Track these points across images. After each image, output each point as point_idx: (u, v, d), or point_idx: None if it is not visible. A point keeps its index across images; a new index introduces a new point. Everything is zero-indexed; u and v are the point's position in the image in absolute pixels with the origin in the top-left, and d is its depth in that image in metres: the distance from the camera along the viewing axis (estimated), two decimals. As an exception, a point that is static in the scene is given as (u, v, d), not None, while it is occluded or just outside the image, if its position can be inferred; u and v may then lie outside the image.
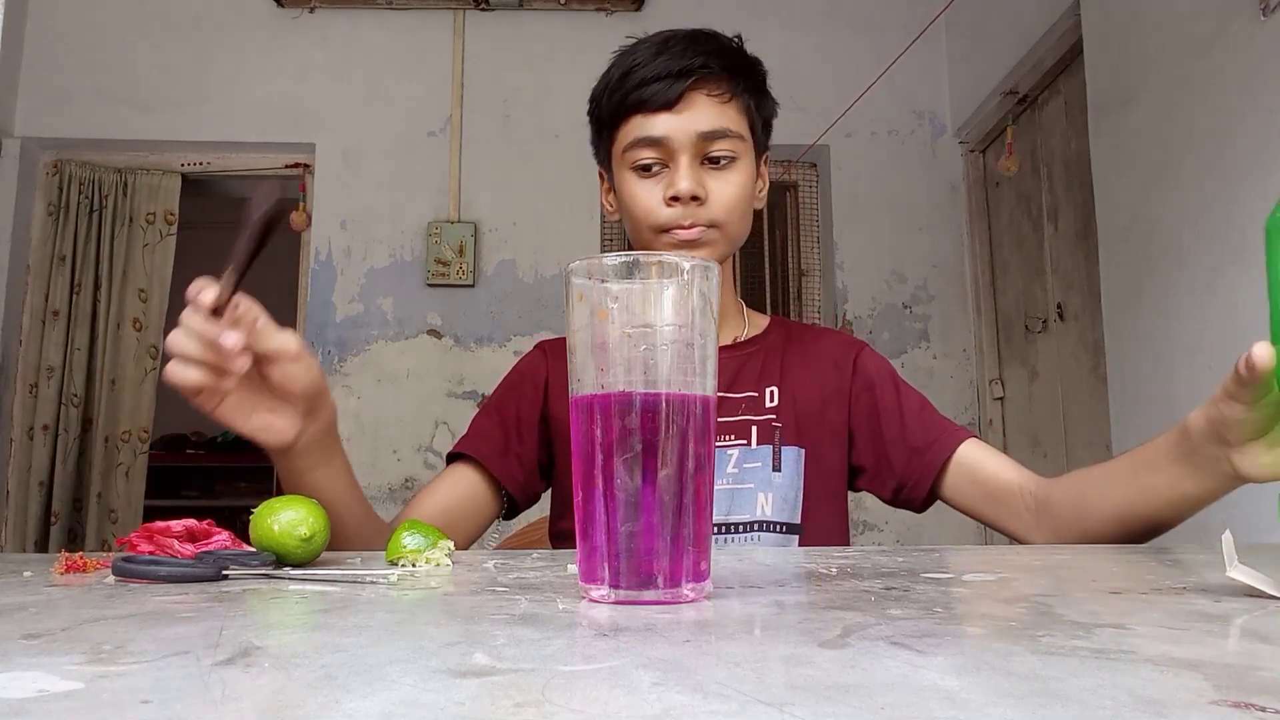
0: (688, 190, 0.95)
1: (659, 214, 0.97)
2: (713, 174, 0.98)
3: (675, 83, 0.96)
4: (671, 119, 0.96)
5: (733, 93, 0.98)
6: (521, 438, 1.05)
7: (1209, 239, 2.08)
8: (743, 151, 0.99)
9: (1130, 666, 0.30)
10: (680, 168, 0.96)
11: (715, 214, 0.97)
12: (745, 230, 1.03)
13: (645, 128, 0.97)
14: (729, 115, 0.98)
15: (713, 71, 0.97)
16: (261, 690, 0.27)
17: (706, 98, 0.97)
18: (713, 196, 0.97)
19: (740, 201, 0.99)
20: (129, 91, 3.57)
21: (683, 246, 0.97)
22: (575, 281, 0.49)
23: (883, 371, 1.07)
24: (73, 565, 0.62)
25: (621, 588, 0.46)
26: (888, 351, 3.57)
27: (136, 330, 3.52)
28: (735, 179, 0.98)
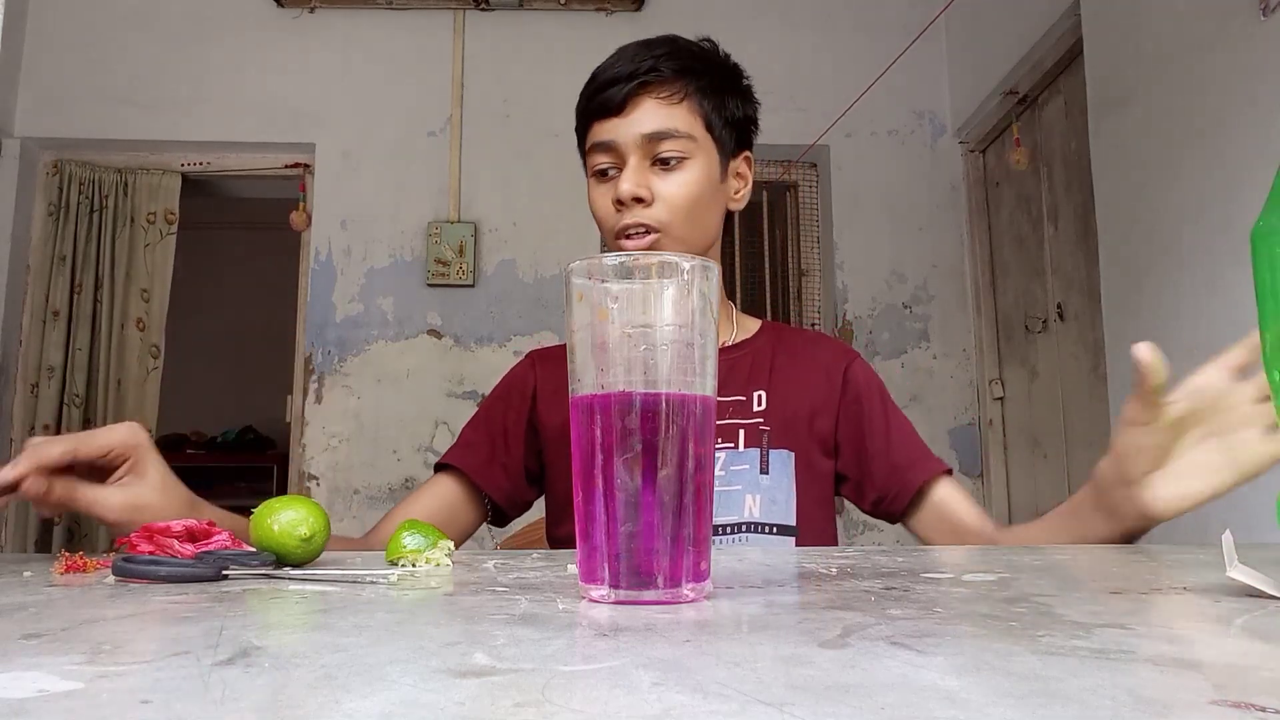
0: (627, 192, 0.96)
1: (611, 217, 0.99)
2: (661, 175, 0.98)
3: (623, 86, 0.98)
4: (618, 123, 0.98)
5: (684, 94, 0.99)
6: (508, 447, 1.07)
7: (1209, 239, 2.08)
8: (695, 151, 0.99)
9: (1130, 666, 0.30)
10: (626, 170, 0.97)
11: (659, 215, 0.97)
12: (704, 232, 1.02)
13: (598, 133, 1.00)
14: (677, 116, 0.98)
15: (662, 74, 0.98)
16: (261, 690, 0.27)
17: (653, 100, 0.98)
18: (659, 197, 0.97)
19: (688, 201, 0.98)
20: (129, 91, 3.57)
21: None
22: (575, 281, 0.49)
23: (871, 385, 1.08)
24: (73, 565, 0.62)
25: (621, 588, 0.46)
26: (888, 351, 3.57)
27: (139, 330, 3.52)
28: (683, 179, 0.98)
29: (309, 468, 3.42)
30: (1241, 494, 0.75)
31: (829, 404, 1.06)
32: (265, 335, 4.80)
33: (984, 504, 3.47)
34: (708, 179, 1.00)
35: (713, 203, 1.02)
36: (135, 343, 3.51)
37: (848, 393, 1.06)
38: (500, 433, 1.07)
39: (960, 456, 3.51)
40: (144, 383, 3.51)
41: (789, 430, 1.02)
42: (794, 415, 1.03)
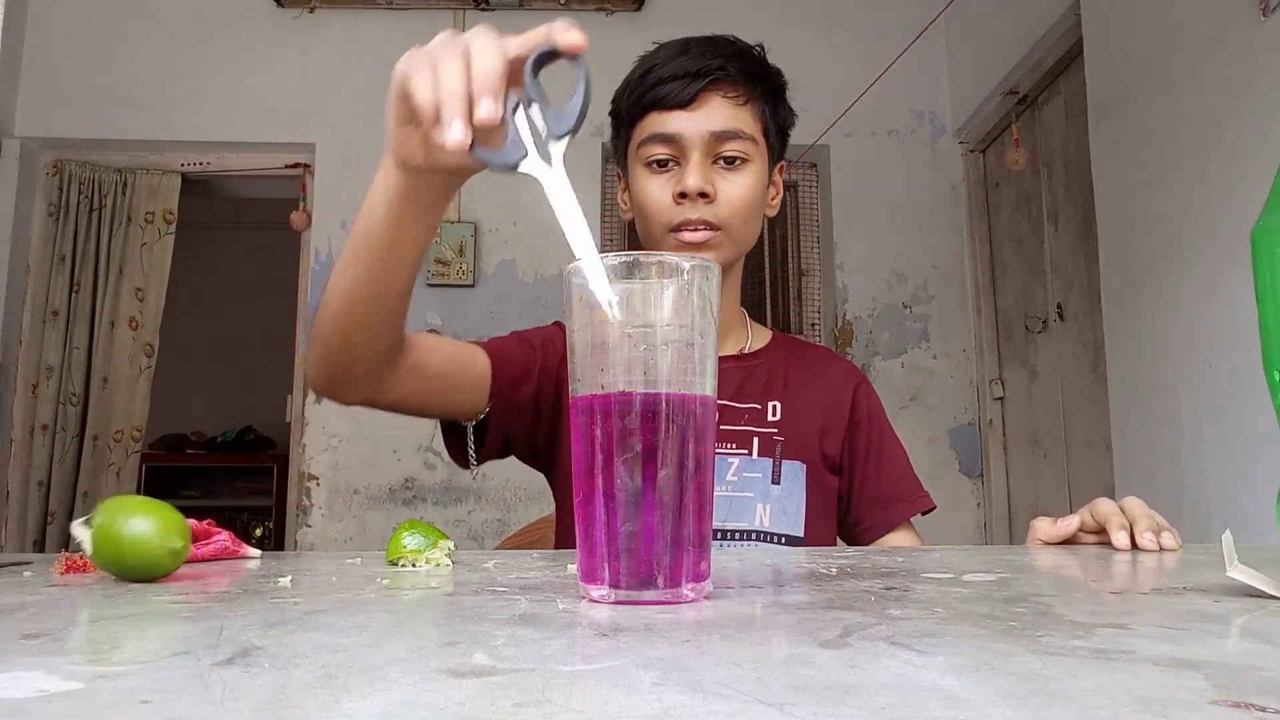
0: (695, 186, 0.96)
1: (669, 210, 0.98)
2: (723, 174, 0.98)
3: (692, 82, 0.97)
4: (686, 117, 0.98)
5: (749, 97, 1.00)
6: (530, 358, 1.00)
7: (1209, 239, 2.08)
8: (755, 155, 1.00)
9: (1130, 666, 0.30)
10: (691, 165, 0.97)
11: (722, 213, 0.97)
12: (753, 235, 1.03)
13: (660, 124, 0.98)
14: (743, 117, 0.99)
15: (730, 74, 0.98)
16: (261, 690, 0.27)
17: (722, 99, 0.98)
18: (721, 195, 0.97)
19: (749, 204, 0.99)
20: (129, 91, 3.57)
21: (688, 248, 0.98)
22: (575, 281, 0.49)
23: (874, 411, 1.10)
24: (73, 565, 0.62)
25: (621, 588, 0.46)
26: (888, 351, 3.57)
27: (132, 329, 3.52)
28: (745, 180, 0.99)
29: (309, 468, 3.42)
30: (1241, 494, 0.75)
31: (838, 422, 1.07)
32: (265, 335, 4.80)
33: (984, 504, 3.48)
34: (761, 183, 1.01)
35: (761, 206, 1.03)
36: (126, 341, 3.50)
37: (854, 415, 1.08)
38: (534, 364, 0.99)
39: (960, 456, 3.51)
40: (135, 382, 3.50)
41: (801, 443, 1.03)
42: (806, 429, 1.04)
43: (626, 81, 1.03)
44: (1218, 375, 2.04)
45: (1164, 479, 2.23)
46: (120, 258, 3.53)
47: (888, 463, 1.07)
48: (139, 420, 3.51)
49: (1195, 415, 2.12)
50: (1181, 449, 2.16)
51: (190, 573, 0.61)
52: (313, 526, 3.40)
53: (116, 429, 3.48)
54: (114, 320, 3.50)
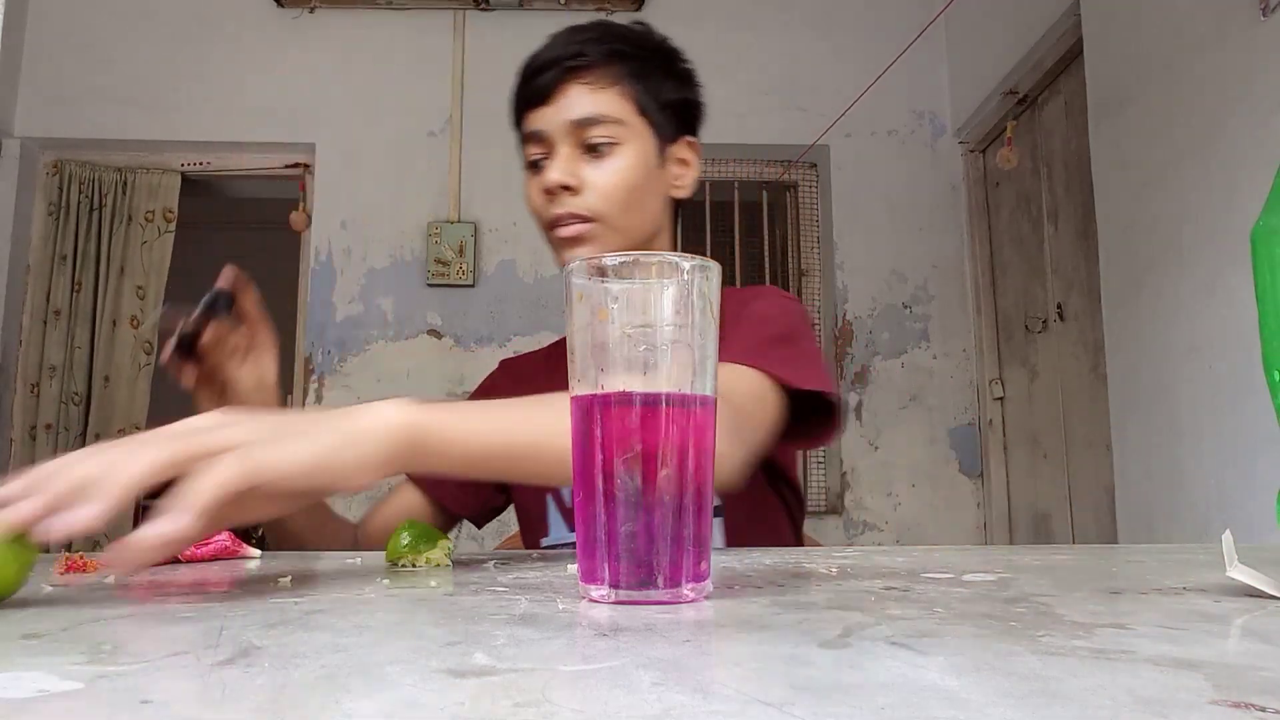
0: (554, 180, 0.94)
1: (543, 208, 0.96)
2: (592, 162, 0.95)
3: (548, 75, 0.96)
4: (547, 111, 0.96)
5: (613, 79, 0.96)
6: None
7: (1209, 239, 2.08)
8: (625, 137, 0.96)
9: (1130, 666, 0.30)
10: (555, 159, 0.95)
11: (591, 202, 0.94)
12: (643, 219, 0.98)
13: (530, 123, 0.98)
14: (605, 101, 0.95)
15: (588, 59, 0.96)
16: (261, 690, 0.27)
17: (580, 86, 0.95)
18: (588, 185, 0.95)
19: (622, 188, 0.95)
20: (129, 91, 3.58)
21: (565, 243, 0.96)
22: (575, 281, 0.49)
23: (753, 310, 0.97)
24: (73, 565, 0.62)
25: (621, 588, 0.46)
26: (887, 351, 3.57)
27: (133, 327, 3.52)
28: (615, 165, 0.95)
29: (309, 468, 3.42)
30: (1241, 494, 0.74)
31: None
32: (265, 335, 4.78)
33: (984, 504, 3.48)
34: (642, 164, 0.97)
35: (651, 189, 0.98)
36: (128, 340, 3.51)
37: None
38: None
39: (960, 456, 3.51)
40: (136, 380, 3.51)
41: None
42: None
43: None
44: (1218, 375, 2.04)
45: (1164, 479, 2.23)
46: (120, 257, 3.53)
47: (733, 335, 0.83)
48: (140, 418, 3.51)
49: (1195, 415, 2.12)
50: (1181, 449, 2.16)
51: (190, 573, 0.61)
52: (313, 526, 3.39)
53: (118, 428, 3.48)
54: (115, 319, 3.51)
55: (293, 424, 0.56)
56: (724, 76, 3.67)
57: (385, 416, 0.59)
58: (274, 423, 0.56)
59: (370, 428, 0.58)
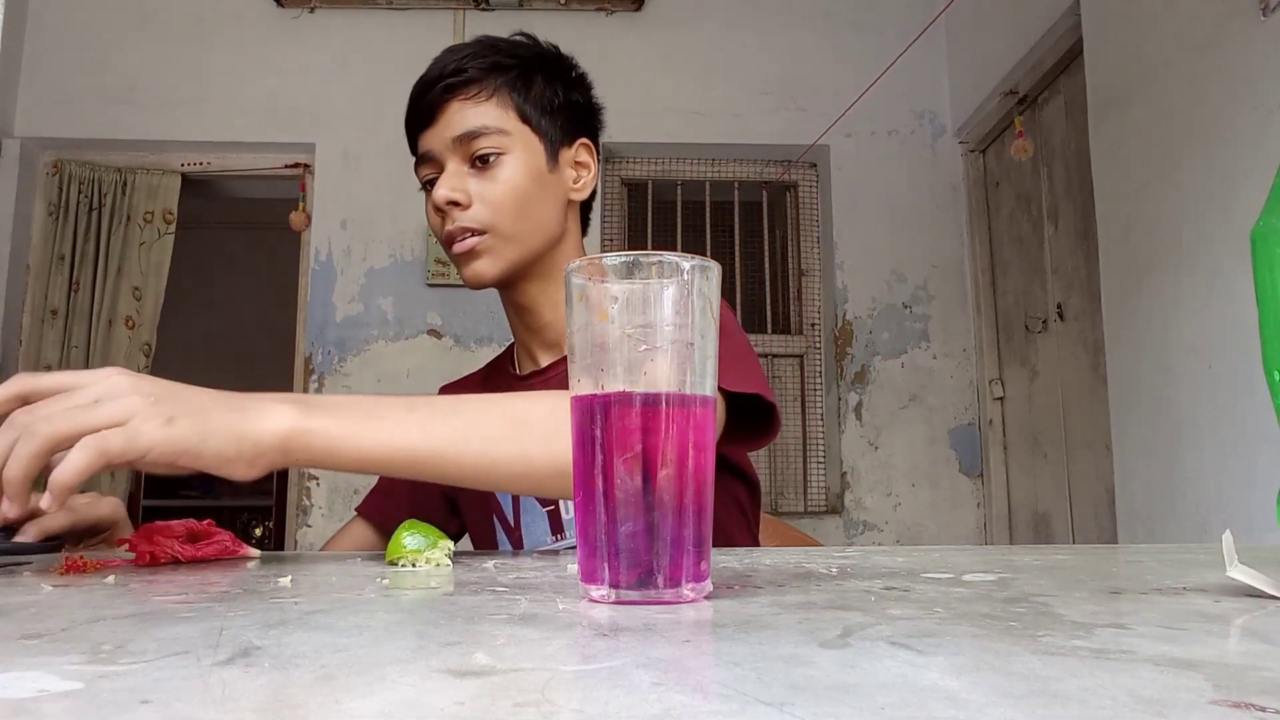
0: (442, 197, 0.95)
1: (439, 227, 0.97)
2: (478, 176, 0.96)
3: (430, 94, 0.97)
4: (432, 131, 0.97)
5: (490, 89, 0.97)
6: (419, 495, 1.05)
7: (1209, 239, 2.08)
8: (509, 146, 0.96)
9: (1130, 666, 0.30)
10: (443, 176, 0.96)
11: (480, 216, 0.95)
12: (539, 226, 0.98)
13: (419, 145, 0.99)
14: (485, 113, 0.96)
15: (466, 74, 0.96)
16: (261, 690, 0.27)
17: (459, 102, 0.96)
18: (476, 198, 0.95)
19: (511, 197, 0.96)
20: (129, 91, 3.58)
21: (461, 260, 0.97)
22: (575, 281, 0.49)
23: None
24: (73, 565, 0.62)
25: (621, 588, 0.46)
26: (887, 351, 3.57)
27: (129, 328, 3.52)
28: (502, 174, 0.96)
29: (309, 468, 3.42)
30: (1242, 494, 0.74)
31: None
32: (265, 335, 4.80)
33: (984, 504, 3.48)
34: (530, 172, 0.97)
35: (544, 196, 0.98)
36: (124, 341, 3.50)
37: None
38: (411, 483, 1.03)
39: (960, 456, 3.51)
40: (133, 381, 3.51)
41: None
42: None
43: None
44: (1218, 375, 2.04)
45: (1164, 479, 2.23)
46: (120, 257, 3.53)
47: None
48: (139, 420, 3.51)
49: (1195, 415, 2.12)
50: (1181, 449, 2.16)
51: (190, 573, 0.61)
52: (313, 526, 3.40)
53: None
54: (111, 319, 3.50)
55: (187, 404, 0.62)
56: (724, 76, 3.68)
57: (274, 423, 0.64)
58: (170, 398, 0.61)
59: (256, 431, 0.62)
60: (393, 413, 0.68)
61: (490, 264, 0.97)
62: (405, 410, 0.68)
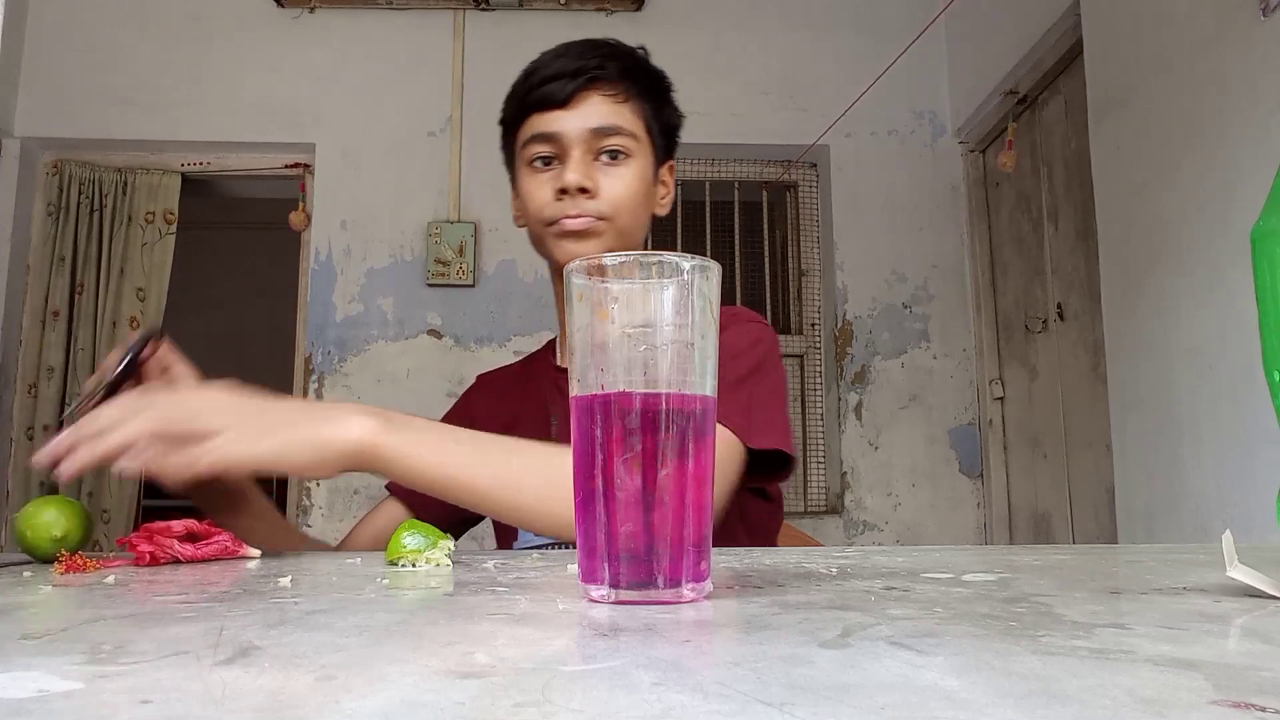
0: (574, 181, 0.98)
1: (551, 206, 1.00)
2: (605, 169, 1.00)
3: (570, 81, 1.00)
4: (565, 115, 1.00)
5: (628, 95, 1.02)
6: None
7: (1209, 239, 2.08)
8: (636, 150, 1.02)
9: (1130, 666, 0.30)
10: (571, 161, 0.99)
11: (603, 208, 0.99)
12: (638, 230, 1.04)
13: (541, 124, 1.01)
14: (622, 114, 1.01)
15: (607, 74, 1.01)
16: (261, 690, 0.27)
17: (600, 97, 1.00)
18: (602, 190, 0.99)
19: (630, 197, 1.01)
20: (129, 91, 3.57)
21: (568, 236, 0.99)
22: (575, 281, 0.49)
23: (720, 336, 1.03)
24: (73, 565, 0.62)
25: (621, 588, 0.46)
26: (888, 351, 3.57)
27: (133, 329, 3.52)
28: (627, 174, 1.01)
29: (309, 468, 3.42)
30: (1242, 494, 0.74)
31: None
32: (265, 335, 4.80)
33: (984, 504, 3.48)
34: (645, 179, 1.03)
35: (646, 202, 1.05)
36: (126, 342, 3.50)
37: None
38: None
39: (960, 456, 3.51)
40: (138, 383, 3.50)
41: None
42: None
43: (511, 88, 1.05)
44: (1218, 375, 2.04)
45: (1164, 479, 2.23)
46: (121, 258, 3.53)
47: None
48: (138, 420, 3.51)
49: (1195, 415, 2.12)
50: (1181, 449, 2.16)
51: (190, 573, 0.61)
52: (313, 526, 3.40)
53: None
54: (115, 320, 3.50)
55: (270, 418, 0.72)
56: (724, 76, 3.68)
57: (352, 433, 0.72)
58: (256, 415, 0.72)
59: (334, 439, 0.72)
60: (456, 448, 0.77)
61: (597, 247, 1.00)
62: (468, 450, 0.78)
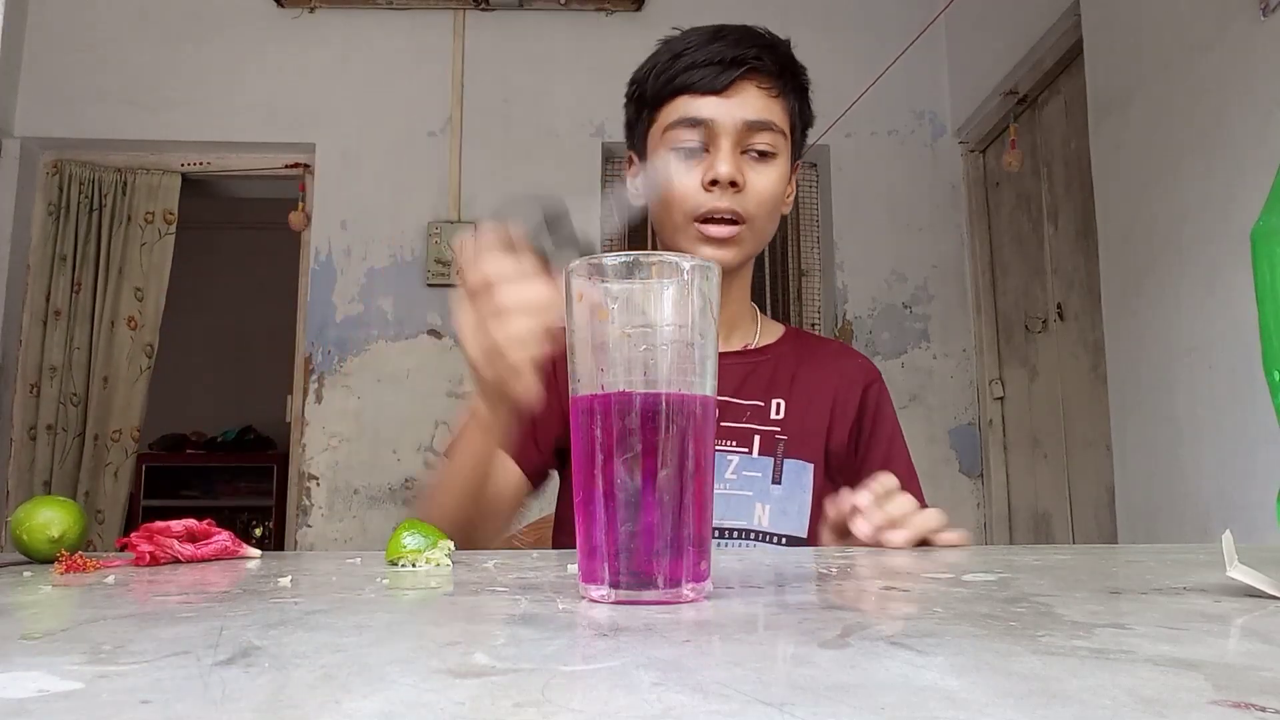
0: (728, 174, 0.94)
1: (696, 197, 0.96)
2: (753, 165, 0.97)
3: (727, 69, 0.95)
4: (719, 103, 0.96)
5: (780, 90, 0.98)
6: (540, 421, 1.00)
7: (1209, 239, 2.08)
8: (782, 149, 0.99)
9: (1130, 666, 0.30)
10: (722, 152, 0.95)
11: (749, 205, 0.96)
12: (772, 230, 1.02)
13: (692, 108, 0.96)
14: (775, 110, 0.98)
15: (764, 66, 0.97)
16: (261, 690, 0.27)
17: (756, 89, 0.97)
18: (750, 187, 0.96)
19: (774, 197, 0.99)
20: (129, 91, 3.57)
21: (710, 243, 0.96)
22: (575, 281, 0.49)
23: (881, 413, 1.07)
24: (73, 565, 0.62)
25: (621, 588, 0.46)
26: (888, 351, 3.57)
27: (131, 329, 3.52)
28: (772, 173, 0.98)
29: (309, 468, 3.42)
30: (1242, 494, 0.75)
31: (844, 419, 1.04)
32: (265, 335, 4.80)
33: (984, 504, 3.47)
34: (785, 178, 1.01)
35: (781, 202, 1.02)
36: (125, 341, 3.50)
37: (861, 415, 1.05)
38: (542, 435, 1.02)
39: (960, 456, 3.51)
40: (135, 382, 3.50)
41: (808, 441, 1.01)
42: (813, 427, 1.02)
43: (652, 64, 1.00)
44: (1218, 375, 2.04)
45: (1164, 479, 2.23)
46: (120, 258, 3.53)
47: (891, 466, 1.05)
48: (137, 420, 3.51)
49: (1195, 415, 2.12)
50: (1181, 449, 2.16)
51: (190, 573, 0.61)
52: (313, 526, 3.40)
53: (115, 429, 3.48)
54: (114, 320, 3.50)
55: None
56: (724, 76, 3.68)
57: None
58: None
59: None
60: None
61: (736, 255, 0.98)
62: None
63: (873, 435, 1.05)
